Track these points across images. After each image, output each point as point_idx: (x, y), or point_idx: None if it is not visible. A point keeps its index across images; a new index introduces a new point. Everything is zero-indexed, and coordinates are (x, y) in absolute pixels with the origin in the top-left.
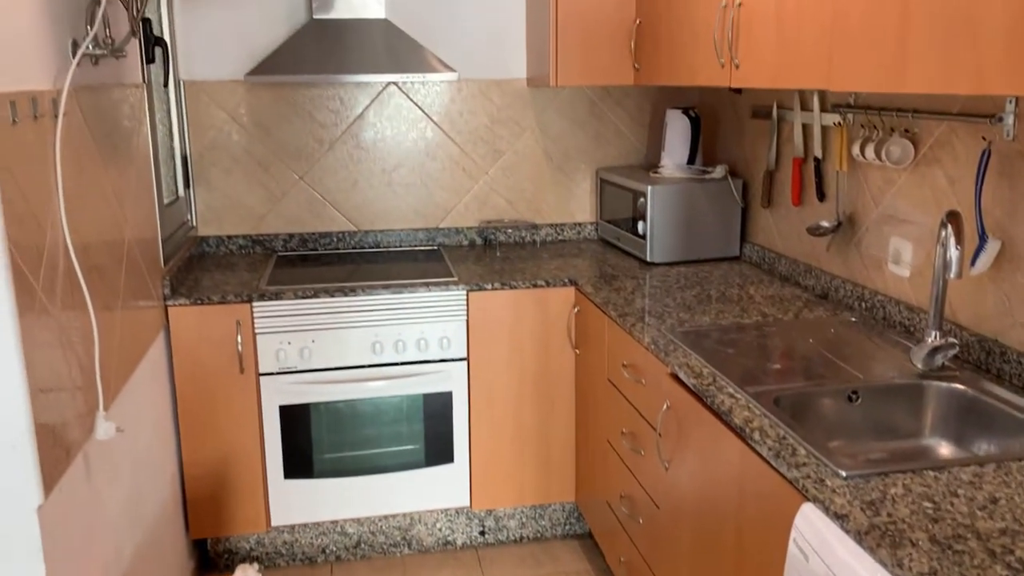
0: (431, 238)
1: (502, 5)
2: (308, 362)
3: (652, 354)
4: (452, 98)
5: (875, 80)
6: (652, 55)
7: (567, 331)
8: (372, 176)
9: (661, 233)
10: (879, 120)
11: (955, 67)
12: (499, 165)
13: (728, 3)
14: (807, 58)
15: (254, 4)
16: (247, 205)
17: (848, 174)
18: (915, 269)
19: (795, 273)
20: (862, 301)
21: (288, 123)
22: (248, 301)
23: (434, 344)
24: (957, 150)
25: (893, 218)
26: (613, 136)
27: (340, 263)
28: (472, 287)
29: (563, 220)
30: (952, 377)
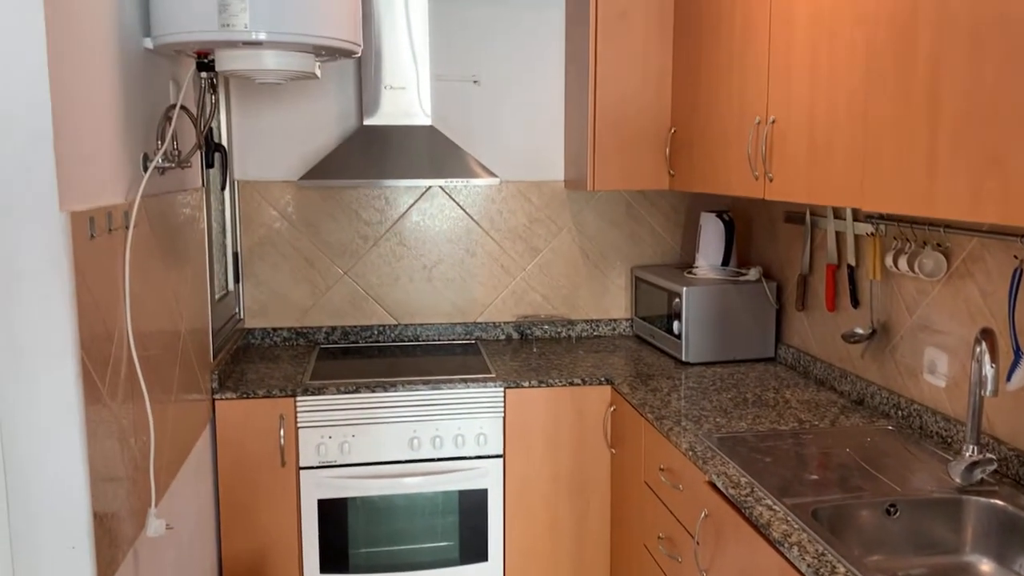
0: (469, 332)
1: (541, 111)
2: (347, 456)
3: (690, 460)
4: (492, 198)
5: (906, 203)
6: (687, 162)
7: (603, 430)
8: (413, 272)
9: (696, 333)
10: (911, 232)
11: (982, 196)
12: (536, 262)
13: (762, 119)
14: (839, 177)
15: (308, 110)
16: (293, 299)
17: (882, 283)
18: (951, 380)
19: (830, 377)
20: (898, 409)
21: (335, 221)
22: (292, 395)
23: (471, 440)
24: (989, 265)
25: (928, 328)
26: (648, 236)
27: (380, 356)
28: (509, 384)
29: (598, 316)
30: (991, 492)
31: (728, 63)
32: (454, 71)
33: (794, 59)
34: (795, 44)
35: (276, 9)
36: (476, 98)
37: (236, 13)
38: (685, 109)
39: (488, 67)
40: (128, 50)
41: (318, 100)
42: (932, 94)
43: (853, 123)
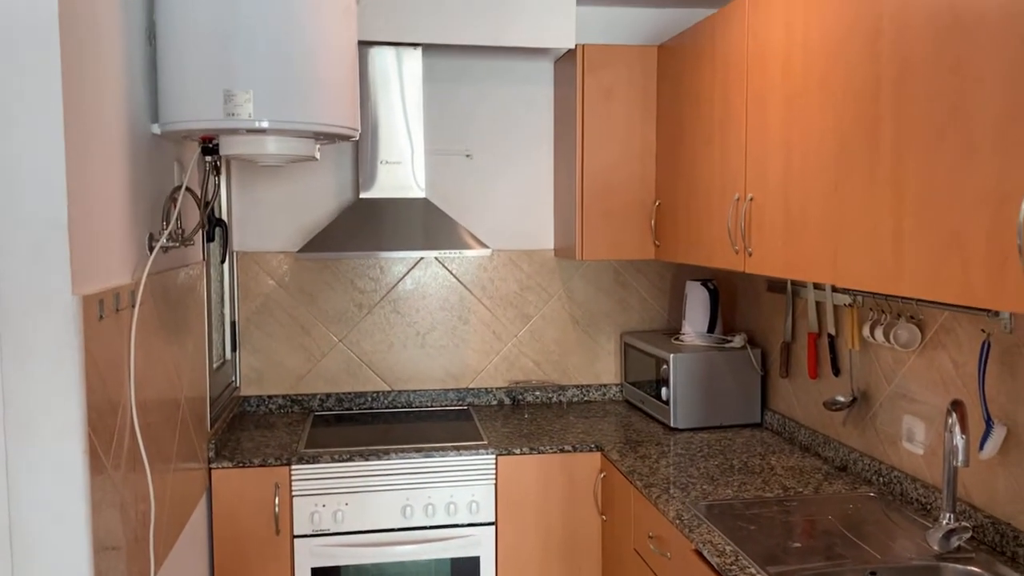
0: (461, 398)
1: (531, 183)
2: (341, 524)
3: (677, 528)
4: (484, 266)
5: (875, 281)
6: (671, 234)
7: (594, 496)
8: (407, 338)
9: (684, 399)
10: (887, 304)
11: (944, 278)
12: (528, 328)
13: (741, 196)
14: (814, 254)
15: (306, 184)
16: (288, 366)
17: (860, 352)
18: (928, 448)
19: (814, 444)
20: (879, 476)
21: (331, 290)
22: (287, 464)
23: (463, 508)
24: (960, 338)
25: (905, 397)
26: (636, 302)
27: (374, 422)
28: (501, 451)
29: (589, 381)
30: (968, 560)
31: (708, 141)
32: (447, 146)
33: (769, 141)
34: (770, 127)
35: (278, 99)
36: (469, 171)
37: (241, 103)
38: (668, 183)
39: (480, 141)
40: (137, 135)
41: (316, 175)
42: (897, 180)
43: (825, 204)
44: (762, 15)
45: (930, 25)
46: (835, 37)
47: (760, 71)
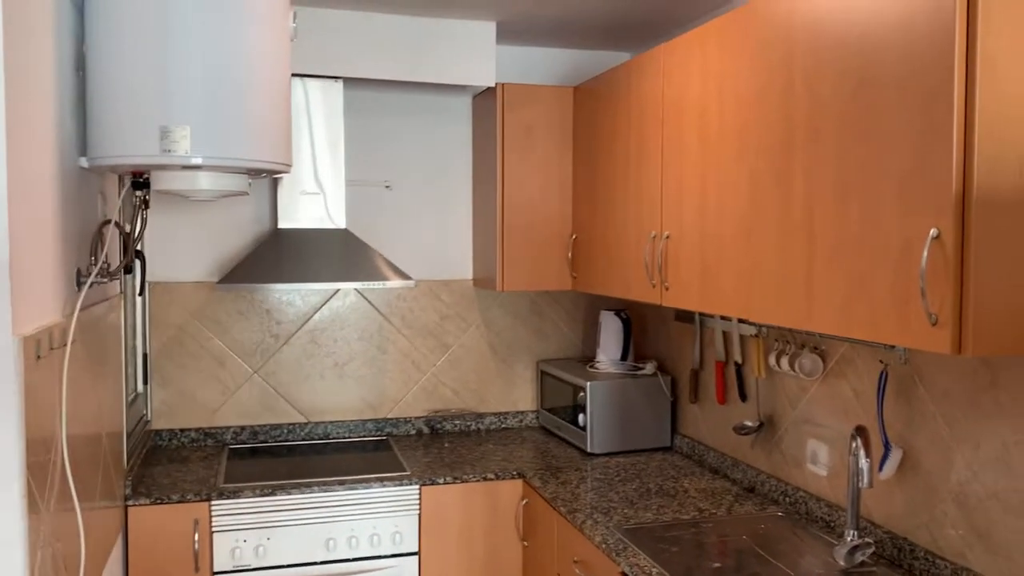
0: (380, 428)
1: (449, 214)
2: (263, 559)
3: (603, 552)
4: (403, 296)
5: (788, 318)
6: (588, 266)
7: (515, 523)
8: (325, 369)
9: (600, 425)
10: (791, 335)
11: (853, 317)
12: (447, 357)
13: (657, 235)
14: (728, 291)
15: (222, 213)
16: (201, 399)
17: (766, 380)
18: (831, 469)
19: (724, 466)
20: (786, 496)
21: (246, 320)
22: (207, 499)
23: (387, 539)
24: (860, 368)
25: (809, 422)
26: (552, 331)
27: (290, 455)
28: (425, 481)
29: (506, 409)
30: (871, 573)
31: (625, 180)
32: (367, 177)
33: (686, 184)
34: (686, 171)
35: (215, 135)
36: (388, 202)
37: (178, 139)
38: (585, 218)
39: (399, 173)
40: (65, 169)
41: (231, 205)
42: (807, 227)
43: (739, 245)
44: (678, 65)
45: (839, 87)
46: (750, 92)
47: (676, 118)
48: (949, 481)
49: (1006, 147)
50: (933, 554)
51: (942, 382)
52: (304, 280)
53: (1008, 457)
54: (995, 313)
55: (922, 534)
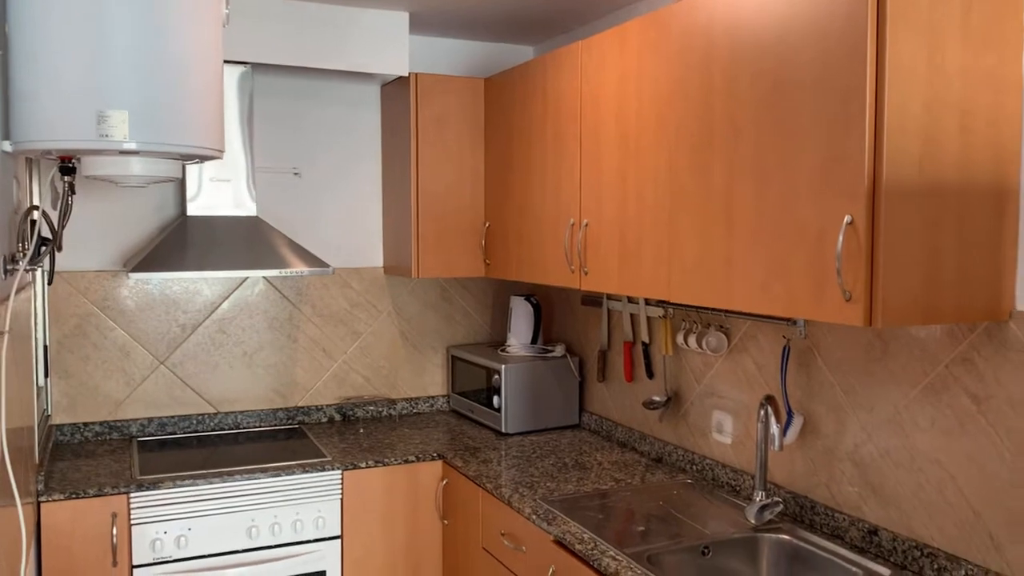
0: (291, 417)
1: (360, 201)
2: (185, 550)
3: (533, 523)
4: (313, 284)
5: (709, 298)
6: (503, 254)
7: (435, 503)
8: (234, 359)
9: (514, 406)
10: (697, 315)
11: (772, 296)
12: (358, 345)
13: (576, 222)
14: (648, 274)
15: (126, 199)
16: (105, 391)
17: (673, 357)
18: (735, 438)
19: (631, 440)
20: (693, 464)
21: (151, 310)
22: (125, 492)
23: (309, 524)
24: (762, 343)
25: (714, 395)
26: (462, 317)
27: (202, 446)
28: (347, 466)
29: (417, 394)
30: (777, 529)
31: (542, 171)
32: (276, 164)
33: (604, 174)
34: (604, 162)
35: (152, 121)
36: (297, 190)
37: (115, 125)
38: (498, 206)
39: (308, 160)
40: None
41: (136, 190)
42: (727, 213)
43: (659, 231)
44: (596, 61)
45: (757, 86)
46: (670, 90)
47: (593, 111)
48: (846, 443)
49: (910, 142)
50: (832, 509)
51: (838, 354)
52: (217, 268)
53: (899, 419)
54: (899, 289)
55: (821, 492)
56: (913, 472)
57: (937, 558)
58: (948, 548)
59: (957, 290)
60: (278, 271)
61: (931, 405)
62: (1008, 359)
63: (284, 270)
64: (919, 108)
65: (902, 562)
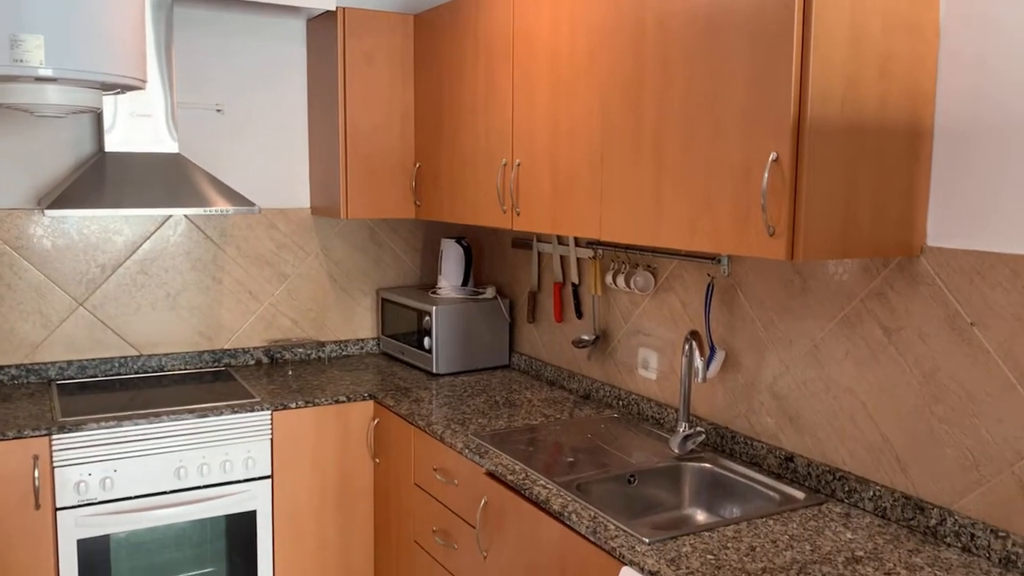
0: (217, 359)
1: (284, 140)
2: (110, 492)
3: (465, 457)
4: (238, 225)
5: (637, 235)
6: (434, 195)
7: (367, 443)
8: (156, 300)
9: (445, 347)
10: (626, 256)
11: (697, 231)
12: (285, 287)
13: (508, 162)
14: (580, 213)
15: (38, 133)
16: (20, 334)
17: (602, 297)
18: (660, 373)
19: (560, 378)
20: (619, 400)
21: (68, 250)
22: (47, 434)
23: (239, 465)
24: (687, 282)
25: (640, 333)
26: (391, 260)
27: (125, 389)
28: (277, 406)
29: (347, 337)
30: (700, 458)
31: (472, 111)
32: (198, 99)
33: (536, 114)
34: (537, 102)
35: (69, 46)
36: (221, 127)
37: (30, 50)
38: (429, 146)
39: (232, 96)
40: None
41: (49, 125)
42: (657, 152)
43: (591, 171)
44: (529, 1)
45: (688, 28)
46: (602, 29)
47: (526, 52)
48: (765, 376)
49: (833, 82)
50: (751, 438)
51: (760, 291)
52: (136, 206)
53: (816, 352)
54: (820, 224)
55: (741, 422)
56: (827, 401)
57: (848, 480)
58: (858, 471)
59: (873, 226)
60: (201, 209)
61: (846, 337)
62: (918, 292)
63: (207, 208)
64: (843, 50)
65: (816, 486)
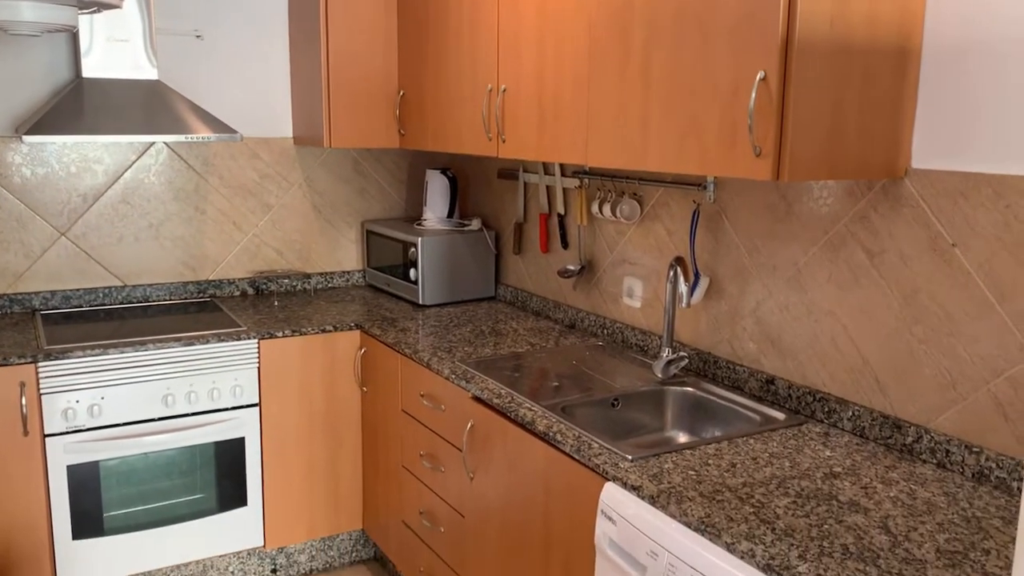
0: (202, 290)
1: (266, 68)
2: (98, 419)
3: (452, 383)
4: (220, 154)
5: (624, 159)
6: (418, 124)
7: (354, 371)
8: (139, 231)
9: (431, 278)
10: (612, 184)
11: (686, 154)
12: (269, 218)
13: (494, 88)
14: (567, 139)
15: (11, 59)
16: (2, 263)
17: (588, 227)
18: (645, 301)
19: (546, 309)
20: (604, 328)
21: (48, 179)
22: (33, 362)
23: (226, 393)
24: (673, 209)
25: (625, 262)
26: (375, 191)
27: (111, 319)
28: (263, 335)
29: (332, 269)
30: (682, 382)
31: (457, 36)
32: (176, 25)
33: (523, 38)
34: (523, 26)
35: None
36: (201, 53)
37: None
38: (413, 74)
39: (211, 22)
40: None
41: (25, 49)
42: (645, 74)
43: (578, 96)
44: None
45: None
46: None
47: None
48: (748, 301)
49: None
50: (733, 363)
51: (745, 217)
52: (117, 132)
53: (799, 277)
54: (806, 144)
55: (724, 348)
56: (809, 325)
57: (828, 402)
58: (838, 392)
59: (859, 147)
60: (183, 136)
61: (829, 261)
62: (901, 215)
63: (188, 136)
64: None
65: (796, 407)
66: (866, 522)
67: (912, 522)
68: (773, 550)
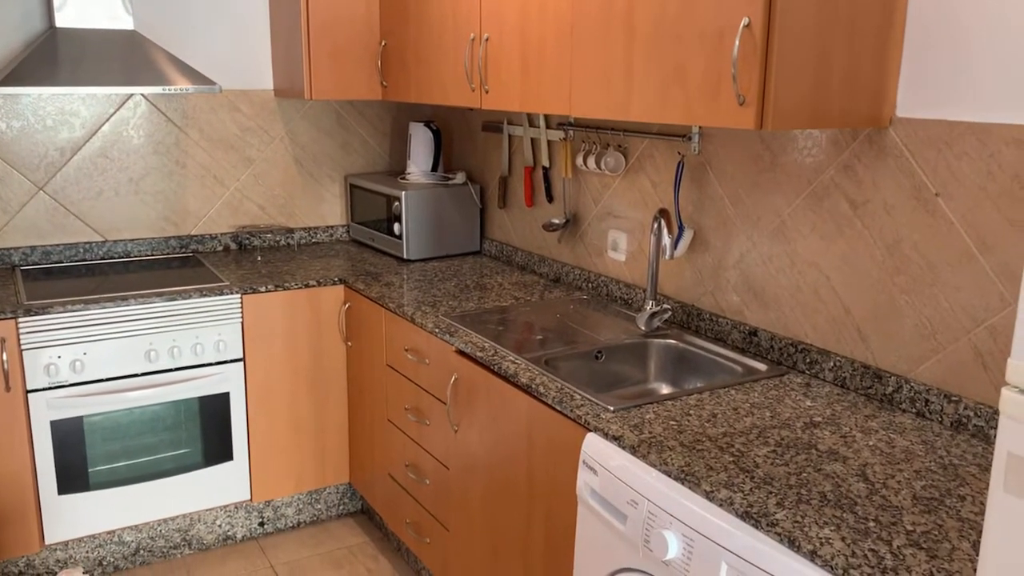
0: (184, 245)
1: (245, 18)
2: (80, 375)
3: (436, 336)
4: (200, 107)
5: (607, 110)
6: (400, 75)
7: (338, 326)
8: (119, 185)
9: (415, 233)
10: (596, 136)
11: (669, 104)
12: (251, 172)
13: (476, 37)
14: (550, 89)
15: None
16: None
17: (572, 180)
18: (629, 254)
19: (531, 263)
20: (588, 282)
21: (24, 132)
22: (13, 317)
23: (210, 348)
24: (658, 161)
25: (610, 215)
26: (359, 145)
27: (92, 274)
28: (246, 290)
29: (315, 223)
30: (665, 335)
31: None
32: None
33: None
34: None
35: None
36: (177, 2)
37: None
38: (396, 24)
39: None
40: None
41: None
42: (628, 22)
43: (561, 44)
44: None
45: None
46: None
47: None
48: (732, 253)
49: None
50: (716, 315)
51: (729, 168)
52: (93, 84)
53: (783, 228)
54: (790, 92)
55: (707, 300)
56: (792, 276)
57: (810, 352)
58: (820, 343)
59: (844, 96)
60: (160, 88)
61: (813, 212)
62: (886, 164)
63: (166, 87)
64: None
65: (778, 359)
66: (844, 470)
67: (890, 470)
68: (751, 498)
